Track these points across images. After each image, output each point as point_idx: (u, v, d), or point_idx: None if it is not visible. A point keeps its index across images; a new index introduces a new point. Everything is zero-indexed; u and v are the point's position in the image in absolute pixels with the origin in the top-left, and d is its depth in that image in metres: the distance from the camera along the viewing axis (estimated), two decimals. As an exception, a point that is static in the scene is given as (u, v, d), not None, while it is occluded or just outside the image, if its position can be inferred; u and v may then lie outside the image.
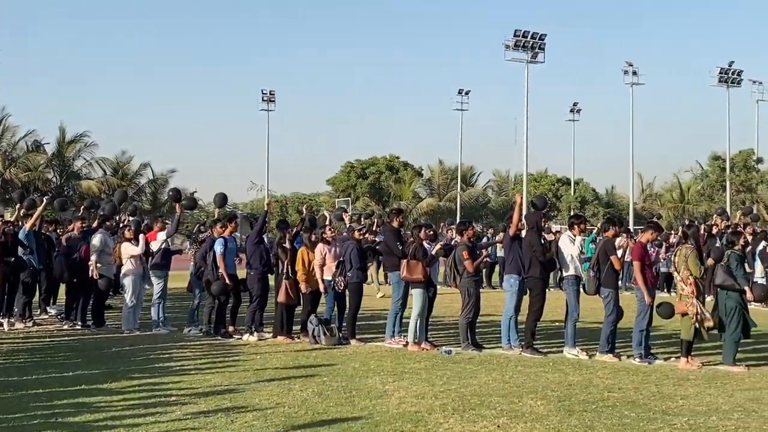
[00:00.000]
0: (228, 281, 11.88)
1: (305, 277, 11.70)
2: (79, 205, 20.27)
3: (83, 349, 10.92)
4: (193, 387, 8.22)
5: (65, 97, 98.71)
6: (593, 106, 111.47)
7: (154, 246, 13.24)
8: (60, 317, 14.00)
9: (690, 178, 61.52)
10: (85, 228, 13.93)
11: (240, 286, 12.32)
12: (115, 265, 13.20)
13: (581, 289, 10.63)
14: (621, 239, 12.66)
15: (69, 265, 13.35)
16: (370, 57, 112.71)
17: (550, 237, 14.13)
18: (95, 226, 13.78)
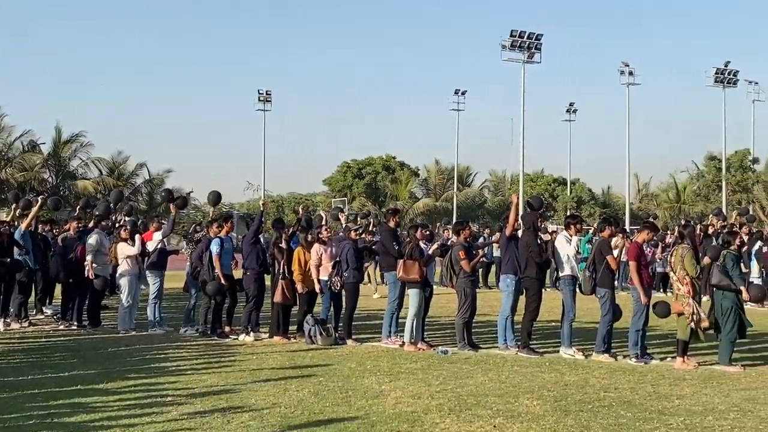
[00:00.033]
0: (223, 281, 11.88)
1: (301, 278, 11.70)
2: (75, 205, 20.24)
3: (79, 350, 10.91)
4: (190, 387, 8.21)
5: (61, 97, 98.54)
6: (590, 106, 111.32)
7: (150, 246, 13.23)
8: (56, 317, 13.98)
9: (686, 178, 61.64)
10: (81, 228, 13.94)
11: (236, 286, 12.33)
12: (111, 266, 13.20)
13: (577, 289, 10.65)
14: (617, 239, 12.71)
15: (65, 265, 13.35)
16: (366, 57, 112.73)
17: (546, 237, 14.14)
18: (91, 226, 13.78)
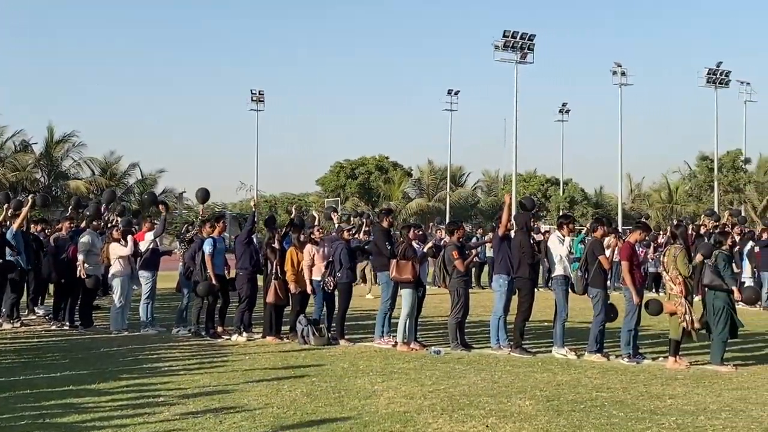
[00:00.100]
0: (215, 282, 11.86)
1: (294, 278, 11.69)
2: (68, 206, 20.17)
3: (71, 350, 10.87)
4: (182, 387, 8.19)
5: (53, 97, 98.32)
6: (582, 106, 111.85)
7: (142, 246, 13.19)
8: (48, 318, 13.94)
9: (678, 178, 61.84)
10: (74, 228, 13.89)
11: (228, 286, 12.31)
12: (103, 266, 13.16)
13: (570, 289, 10.67)
14: (609, 239, 12.74)
15: (57, 266, 13.32)
16: (359, 57, 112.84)
17: (538, 237, 14.17)
18: (83, 226, 13.74)
